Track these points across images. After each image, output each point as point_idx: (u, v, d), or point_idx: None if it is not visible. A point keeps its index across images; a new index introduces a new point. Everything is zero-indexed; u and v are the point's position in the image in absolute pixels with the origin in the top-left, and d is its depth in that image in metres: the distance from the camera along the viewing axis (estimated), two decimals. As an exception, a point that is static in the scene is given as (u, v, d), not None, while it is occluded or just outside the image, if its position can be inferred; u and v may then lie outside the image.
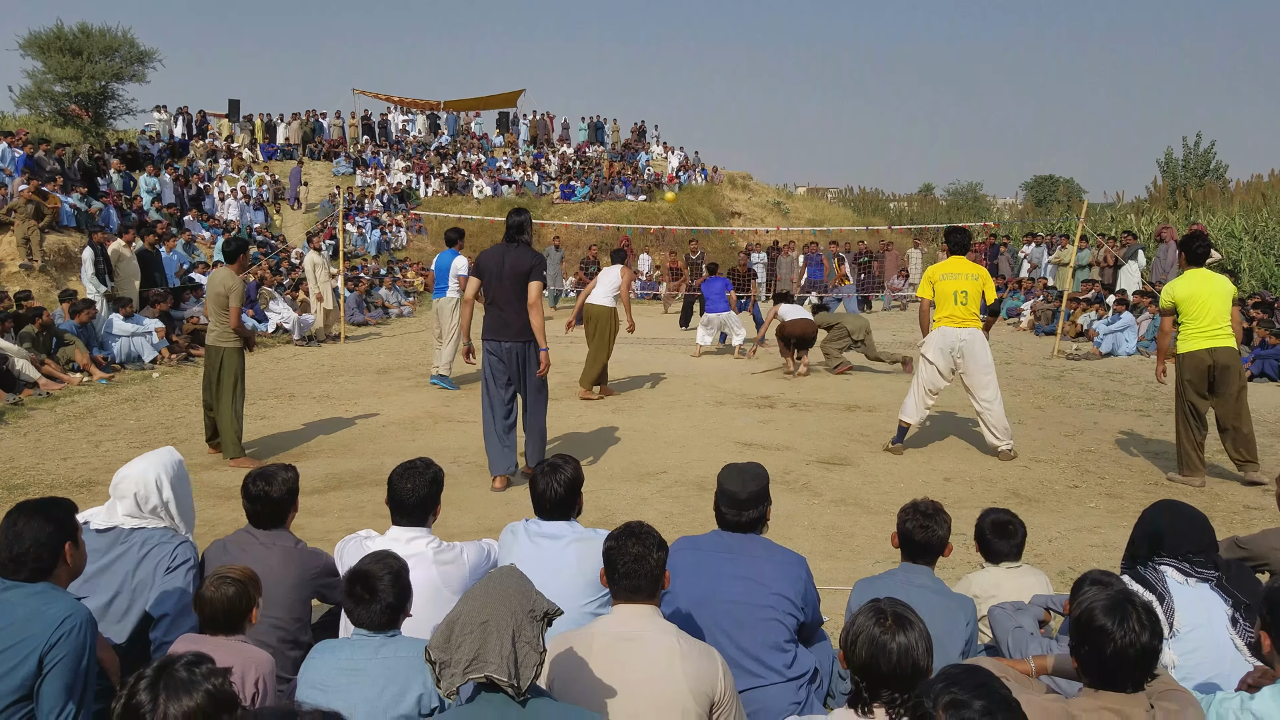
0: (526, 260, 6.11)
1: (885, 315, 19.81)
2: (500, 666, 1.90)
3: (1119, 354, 13.01)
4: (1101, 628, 2.04)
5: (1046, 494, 6.21)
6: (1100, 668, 2.07)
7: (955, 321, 6.97)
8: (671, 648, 2.34)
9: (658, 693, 2.29)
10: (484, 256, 6.25)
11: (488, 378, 6.24)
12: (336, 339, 14.02)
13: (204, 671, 1.76)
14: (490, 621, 1.93)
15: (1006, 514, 3.39)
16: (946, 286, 6.99)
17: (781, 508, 5.76)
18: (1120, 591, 2.12)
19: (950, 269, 7.07)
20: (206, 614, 2.53)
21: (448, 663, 1.93)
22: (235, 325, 6.79)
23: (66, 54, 25.00)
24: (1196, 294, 6.31)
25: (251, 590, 2.58)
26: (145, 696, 1.72)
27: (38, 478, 6.33)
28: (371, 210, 25.24)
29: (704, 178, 31.55)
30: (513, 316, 6.12)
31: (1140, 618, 2.04)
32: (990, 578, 3.33)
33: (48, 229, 14.48)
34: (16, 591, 2.38)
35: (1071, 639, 2.15)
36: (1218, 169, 28.52)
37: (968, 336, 6.96)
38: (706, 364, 12.06)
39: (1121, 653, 2.03)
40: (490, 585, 2.02)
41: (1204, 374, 6.31)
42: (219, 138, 28.89)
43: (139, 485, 3.05)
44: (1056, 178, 43.70)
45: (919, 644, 2.08)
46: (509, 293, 6.10)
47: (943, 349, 7.01)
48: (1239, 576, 2.85)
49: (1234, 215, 20.06)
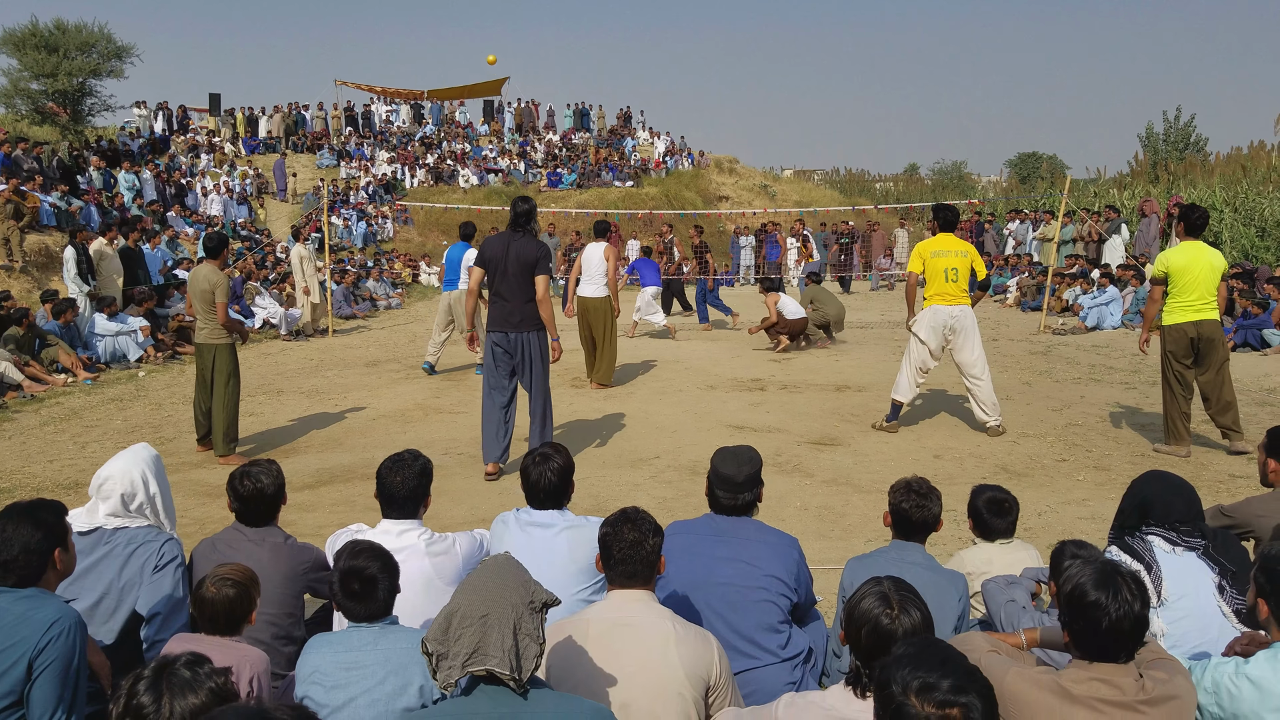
0: (532, 251, 6.01)
1: (873, 295, 19.86)
2: (503, 660, 1.89)
3: (1104, 328, 13.10)
4: (1095, 602, 2.05)
5: (1035, 468, 6.25)
6: (1095, 641, 2.08)
7: (946, 299, 7.00)
8: (667, 632, 2.35)
9: (654, 677, 2.30)
10: (487, 244, 6.14)
11: (490, 367, 6.19)
12: (324, 333, 13.96)
13: (206, 671, 1.77)
14: (491, 615, 1.92)
15: (1002, 491, 3.40)
16: (938, 264, 7.00)
17: (774, 489, 5.78)
18: (1106, 563, 2.13)
19: (940, 245, 7.07)
20: (207, 614, 2.51)
21: (445, 655, 1.92)
22: (224, 321, 6.72)
23: (42, 51, 24.64)
24: (1190, 266, 6.31)
25: (253, 592, 2.57)
26: (148, 698, 1.72)
27: (24, 480, 6.29)
28: (357, 202, 25.10)
29: (690, 162, 31.48)
30: (517, 307, 6.05)
31: (1130, 588, 2.06)
32: (983, 554, 3.35)
33: (27, 229, 14.33)
34: (5, 596, 2.37)
35: (1062, 615, 2.16)
36: (1198, 142, 28.66)
37: (959, 313, 7.00)
38: (696, 349, 12.07)
39: (1116, 625, 2.04)
40: (488, 576, 2.01)
41: (1188, 346, 6.35)
42: (201, 133, 28.62)
43: (124, 484, 3.04)
44: (1040, 154, 43.79)
45: (923, 627, 2.09)
46: (513, 283, 6.02)
47: (934, 327, 7.03)
48: (1225, 544, 2.89)
49: (1214, 187, 20.15)
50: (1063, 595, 2.14)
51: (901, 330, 13.79)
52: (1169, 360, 6.43)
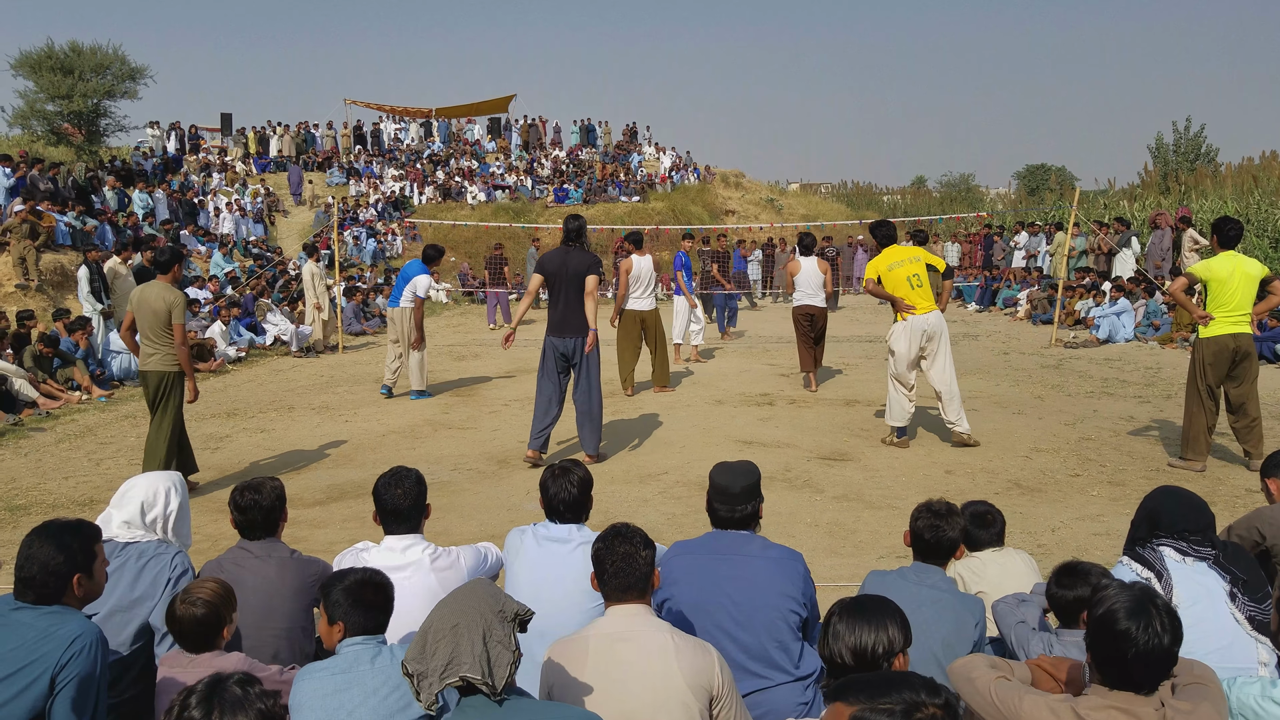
0: (585, 262, 6.73)
1: (882, 309, 19.80)
2: (473, 665, 1.91)
3: (1117, 340, 13.03)
4: (1125, 631, 2.01)
5: (1048, 483, 6.21)
6: (1118, 669, 2.04)
7: (919, 308, 7.07)
8: (666, 644, 2.35)
9: (657, 689, 2.29)
10: (546, 259, 6.86)
11: (549, 364, 6.86)
12: (334, 349, 14.02)
13: (257, 692, 1.81)
14: (460, 624, 1.95)
15: (984, 505, 3.47)
16: (898, 275, 7.07)
17: (783, 505, 5.76)
18: (1144, 591, 2.09)
19: (891, 258, 7.15)
20: (175, 630, 2.59)
21: (424, 673, 1.94)
22: (180, 342, 6.05)
23: (58, 73, 24.98)
24: (1230, 278, 6.21)
25: (223, 611, 2.58)
26: (198, 712, 1.76)
27: (40, 497, 6.33)
28: (366, 219, 25.25)
29: (696, 177, 31.57)
30: (571, 315, 6.74)
31: (1163, 620, 2.01)
32: (974, 561, 3.41)
33: (43, 248, 14.49)
34: (28, 612, 2.39)
35: (1089, 635, 2.12)
36: (1209, 152, 28.56)
37: (934, 320, 7.10)
38: (704, 364, 12.06)
39: (1142, 656, 2.00)
40: (458, 593, 2.06)
41: (1227, 359, 6.27)
42: (213, 152, 28.89)
43: (147, 494, 3.08)
44: (1049, 166, 43.68)
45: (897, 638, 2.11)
46: (569, 293, 6.71)
47: (910, 337, 7.09)
48: (1235, 554, 2.90)
49: (1226, 199, 20.10)
50: (1093, 617, 2.09)
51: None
52: (1203, 373, 6.33)
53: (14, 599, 2.43)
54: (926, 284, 7.11)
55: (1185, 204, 20.18)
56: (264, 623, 2.95)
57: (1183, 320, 12.44)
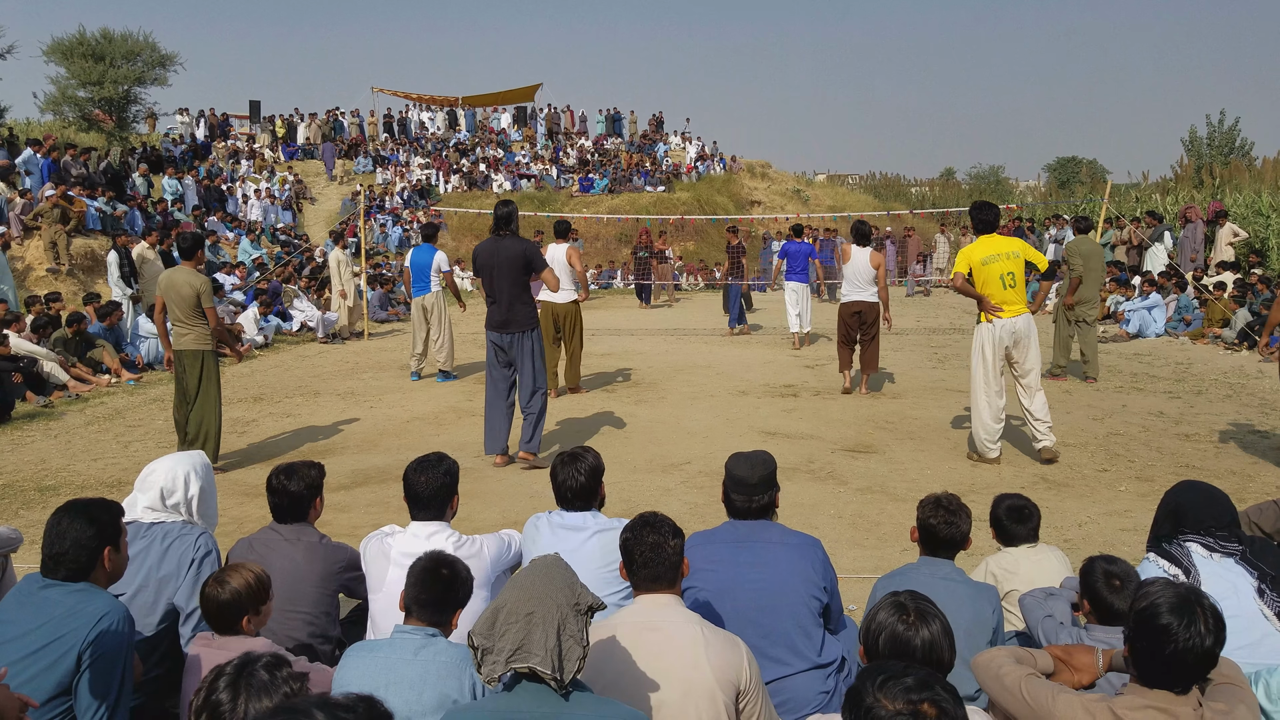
0: (517, 250, 6.33)
1: (909, 301, 19.65)
2: (544, 659, 1.90)
3: (1147, 335, 12.84)
4: (1166, 626, 1.97)
5: (1076, 478, 6.13)
6: (1156, 665, 2.01)
7: (1007, 310, 6.32)
8: (696, 636, 2.33)
9: (686, 680, 2.28)
10: (478, 251, 6.52)
11: (491, 362, 6.60)
12: (360, 336, 14.12)
13: (284, 675, 1.82)
14: (536, 613, 1.93)
15: (1020, 499, 3.37)
16: (992, 270, 6.25)
17: (807, 496, 5.73)
18: (1191, 590, 2.05)
19: (987, 250, 6.31)
20: (202, 609, 2.61)
21: (490, 649, 1.94)
22: (215, 325, 6.47)
23: (89, 59, 25.32)
24: None
25: (245, 599, 2.57)
26: (225, 695, 1.77)
27: (69, 479, 6.42)
28: (392, 207, 25.38)
29: (723, 167, 31.42)
30: (506, 308, 6.40)
31: (1207, 621, 1.97)
32: (1007, 558, 3.34)
33: (74, 233, 14.70)
34: (56, 589, 2.42)
35: (1128, 630, 2.08)
36: (1243, 146, 28.07)
37: (1022, 324, 6.33)
38: (727, 353, 12.02)
39: (1182, 654, 1.96)
40: (536, 575, 2.02)
41: None
42: (241, 139, 29.14)
43: (167, 479, 3.11)
44: (1079, 159, 43.17)
45: (942, 638, 2.05)
46: (505, 286, 6.35)
47: (996, 341, 6.38)
48: (1263, 550, 2.85)
49: (1261, 192, 19.66)
50: (1135, 611, 2.06)
51: (939, 335, 13.64)
52: None
53: (42, 576, 2.46)
54: (1021, 283, 6.30)
55: (1219, 198, 19.80)
56: (288, 606, 2.97)
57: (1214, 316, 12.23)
